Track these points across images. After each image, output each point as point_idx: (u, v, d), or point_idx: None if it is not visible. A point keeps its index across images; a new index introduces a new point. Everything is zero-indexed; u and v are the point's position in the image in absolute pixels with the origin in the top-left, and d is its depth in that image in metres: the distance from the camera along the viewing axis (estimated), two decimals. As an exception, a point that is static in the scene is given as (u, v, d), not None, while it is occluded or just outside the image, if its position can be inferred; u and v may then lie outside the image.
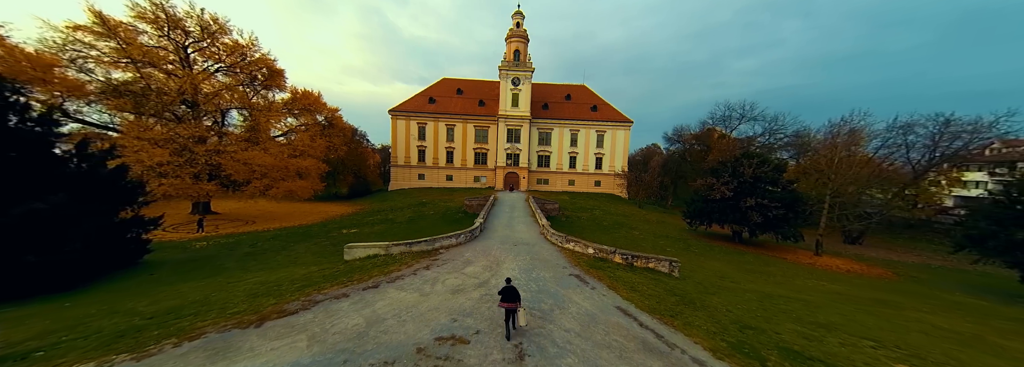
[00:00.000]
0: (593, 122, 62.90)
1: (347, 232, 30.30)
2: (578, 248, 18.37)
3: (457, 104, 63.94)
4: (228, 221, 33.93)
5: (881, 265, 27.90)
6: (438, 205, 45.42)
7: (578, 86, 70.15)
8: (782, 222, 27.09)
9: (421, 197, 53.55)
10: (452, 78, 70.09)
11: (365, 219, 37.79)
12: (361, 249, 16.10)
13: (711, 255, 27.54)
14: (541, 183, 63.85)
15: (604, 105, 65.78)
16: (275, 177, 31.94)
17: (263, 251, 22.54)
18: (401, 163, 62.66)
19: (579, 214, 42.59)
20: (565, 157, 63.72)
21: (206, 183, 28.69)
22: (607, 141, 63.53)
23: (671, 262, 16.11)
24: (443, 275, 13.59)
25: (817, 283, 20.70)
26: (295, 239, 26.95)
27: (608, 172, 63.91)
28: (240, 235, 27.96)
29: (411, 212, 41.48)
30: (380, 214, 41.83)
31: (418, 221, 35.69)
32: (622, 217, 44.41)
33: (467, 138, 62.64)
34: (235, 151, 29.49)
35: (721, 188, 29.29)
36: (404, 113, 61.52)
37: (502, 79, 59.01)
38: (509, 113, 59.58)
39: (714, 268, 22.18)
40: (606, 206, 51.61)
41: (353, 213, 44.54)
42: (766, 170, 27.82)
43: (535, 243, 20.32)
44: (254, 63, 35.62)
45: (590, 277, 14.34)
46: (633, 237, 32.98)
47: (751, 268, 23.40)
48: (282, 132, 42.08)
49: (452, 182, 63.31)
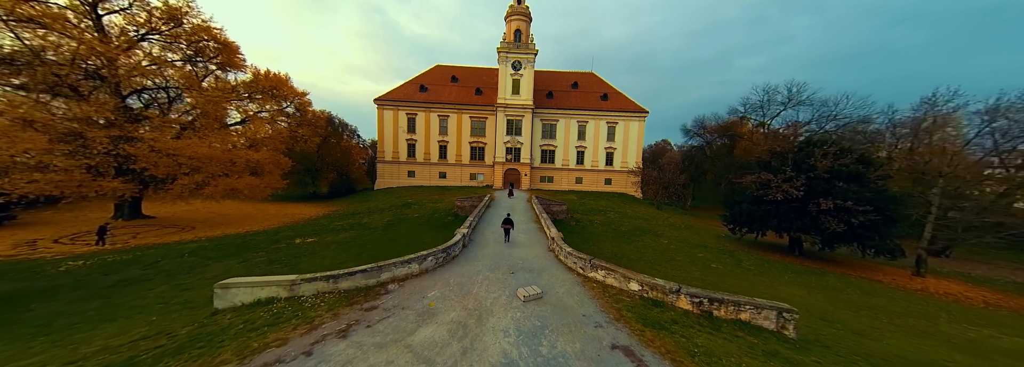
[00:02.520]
0: (603, 112, 55.93)
1: (301, 242, 23.59)
2: (613, 280, 11.52)
3: (451, 92, 57.13)
4: (159, 228, 27.23)
5: (1014, 291, 20.70)
6: (425, 206, 38.68)
7: (586, 73, 63.17)
8: (871, 231, 20.17)
9: (408, 197, 46.87)
10: (446, 65, 63.27)
11: (333, 224, 31.11)
12: (246, 289, 9.34)
13: (774, 275, 20.64)
14: (545, 181, 56.99)
15: (616, 94, 58.80)
16: (213, 172, 25.20)
17: (158, 274, 15.83)
18: (388, 159, 55.92)
19: (590, 217, 35.76)
20: (572, 152, 56.79)
21: (110, 180, 22.03)
22: (619, 134, 56.53)
23: (780, 313, 9.26)
24: (366, 355, 6.84)
25: (977, 331, 13.73)
26: (222, 254, 20.23)
27: (620, 169, 56.94)
28: (152, 248, 21.29)
29: (392, 215, 34.77)
30: (354, 217, 35.13)
31: (397, 226, 28.96)
32: (642, 221, 37.54)
33: (462, 130, 55.82)
34: (155, 139, 22.73)
35: (783, 186, 22.35)
36: (391, 102, 54.74)
37: (501, 63, 52.10)
38: (509, 101, 52.69)
39: (797, 299, 15.33)
40: (620, 207, 44.74)
41: (323, 216, 37.82)
42: (847, 162, 20.86)
43: (543, 268, 13.53)
44: (194, 33, 28.90)
45: (650, 351, 7.56)
46: (662, 247, 26.15)
47: (847, 299, 16.51)
48: (240, 119, 35.38)
49: (445, 180, 56.54)
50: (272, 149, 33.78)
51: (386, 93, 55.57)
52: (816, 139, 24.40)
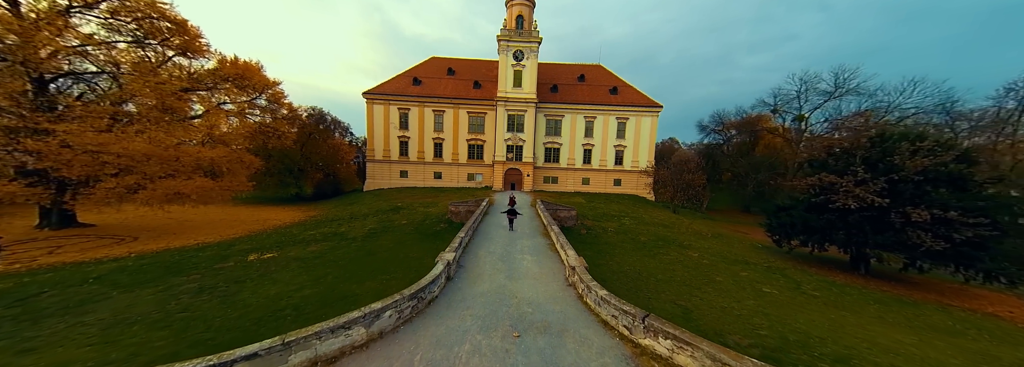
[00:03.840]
0: (613, 107, 51.30)
1: (255, 259, 18.97)
2: (685, 359, 6.94)
3: (447, 86, 52.56)
4: (93, 239, 22.58)
5: None
6: (416, 211, 34.23)
7: (593, 66, 58.53)
8: (980, 250, 15.57)
9: (399, 199, 42.39)
10: (442, 57, 58.69)
11: (305, 233, 26.63)
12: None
13: (854, 306, 15.99)
14: (549, 182, 52.42)
15: (626, 87, 54.17)
16: (150, 173, 20.66)
17: (21, 317, 11.29)
18: (379, 157, 51.39)
19: (603, 224, 31.26)
20: (578, 150, 52.19)
21: (5, 183, 17.54)
22: (630, 130, 51.90)
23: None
24: None
25: None
26: (141, 278, 15.66)
27: (631, 168, 52.32)
28: (55, 270, 16.76)
29: (376, 221, 30.35)
30: (333, 224, 30.71)
31: (380, 236, 24.49)
32: (661, 228, 32.97)
33: (459, 127, 51.26)
34: (70, 131, 18.18)
35: (855, 191, 17.72)
36: (382, 96, 50.17)
37: (501, 53, 47.48)
38: (510, 95, 48.08)
39: (913, 353, 10.73)
40: (634, 211, 40.19)
41: (298, 222, 33.30)
42: (945, 161, 16.17)
43: (563, 323, 8.96)
44: (137, 9, 24.41)
45: None
46: (694, 262, 21.46)
47: (982, 349, 11.89)
48: (202, 112, 30.89)
49: (441, 181, 52.01)
50: (238, 147, 29.22)
51: (376, 86, 51.02)
52: (898, 132, 19.65)
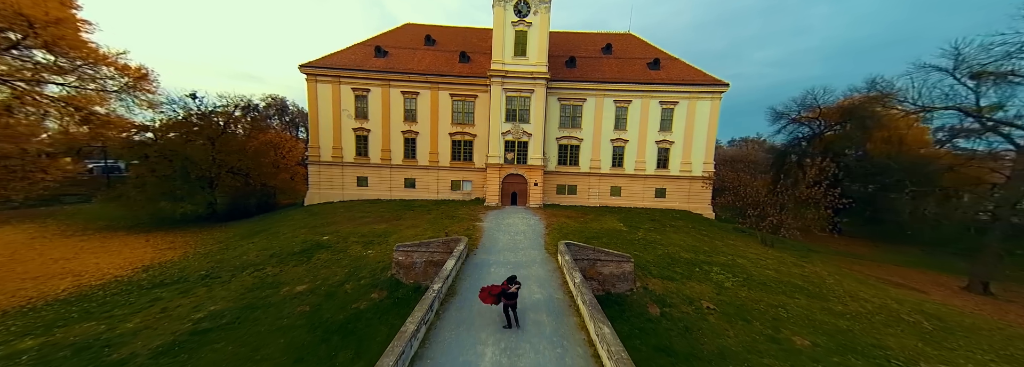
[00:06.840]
0: (655, 87, 36.32)
1: None
2: None
3: (424, 59, 37.70)
4: None
5: None
6: (346, 253, 19.68)
7: (622, 34, 43.52)
8: None
9: (339, 224, 27.46)
10: (419, 24, 43.78)
11: (29, 328, 12.00)
12: None
13: None
14: (563, 192, 37.53)
15: (671, 60, 39.19)
16: None
17: None
18: (327, 158, 36.62)
19: (681, 287, 16.46)
20: (605, 147, 37.23)
21: None
22: (679, 119, 36.87)
23: None
24: None
25: None
26: None
27: (681, 173, 37.35)
28: None
29: (253, 281, 15.65)
30: (157, 290, 16.11)
31: (218, 337, 9.63)
32: (801, 293, 17.98)
33: (440, 115, 36.43)
34: None
35: None
36: (330, 71, 35.37)
37: (497, 5, 32.56)
38: (510, 67, 33.17)
39: None
40: (714, 247, 24.56)
41: (99, 283, 18.37)
42: None
43: None
44: None
45: None
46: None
47: None
48: None
49: (415, 191, 37.20)
50: None
51: (321, 57, 36.19)
52: None
